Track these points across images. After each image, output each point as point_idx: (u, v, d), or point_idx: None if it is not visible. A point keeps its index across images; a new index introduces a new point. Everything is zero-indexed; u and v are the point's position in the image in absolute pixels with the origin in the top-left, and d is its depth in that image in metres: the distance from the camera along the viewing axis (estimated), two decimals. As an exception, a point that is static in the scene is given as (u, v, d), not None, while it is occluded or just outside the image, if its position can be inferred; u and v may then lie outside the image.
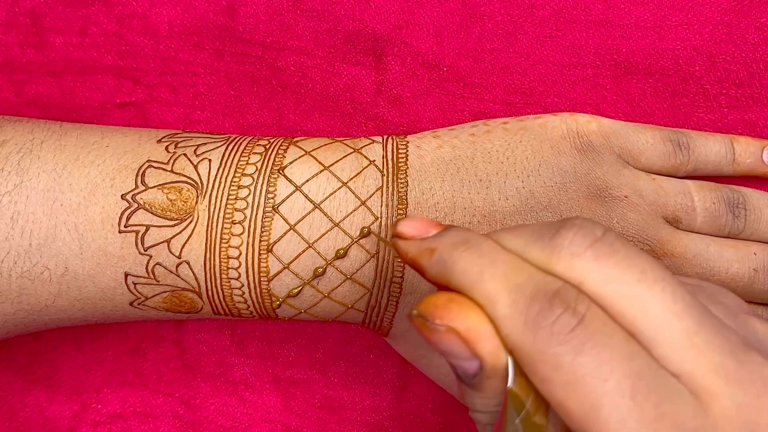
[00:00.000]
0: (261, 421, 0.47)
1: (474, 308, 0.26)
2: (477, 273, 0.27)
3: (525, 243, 0.28)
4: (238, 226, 0.37)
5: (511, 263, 0.27)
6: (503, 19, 0.45)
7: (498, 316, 0.26)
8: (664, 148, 0.42)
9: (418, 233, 0.30)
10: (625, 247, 0.27)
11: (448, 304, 0.27)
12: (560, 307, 0.25)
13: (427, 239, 0.29)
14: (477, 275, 0.27)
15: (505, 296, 0.26)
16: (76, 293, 0.38)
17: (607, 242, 0.27)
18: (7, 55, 0.47)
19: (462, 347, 0.26)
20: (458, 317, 0.26)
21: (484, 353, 0.26)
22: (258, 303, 0.38)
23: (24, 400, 0.48)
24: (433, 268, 0.28)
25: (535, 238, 0.28)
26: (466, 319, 0.26)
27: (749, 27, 0.43)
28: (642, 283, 0.26)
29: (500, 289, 0.26)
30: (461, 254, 0.27)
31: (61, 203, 0.37)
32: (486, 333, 0.26)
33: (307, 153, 0.39)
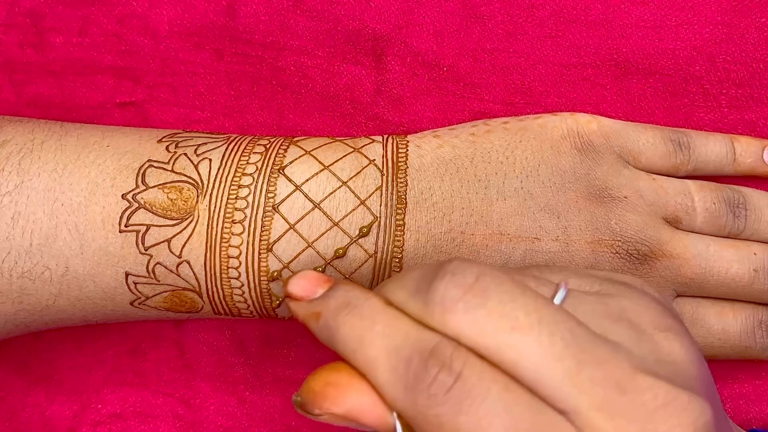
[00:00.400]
0: (261, 421, 0.47)
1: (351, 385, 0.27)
2: (357, 339, 0.27)
3: (406, 296, 0.28)
4: (238, 226, 0.37)
5: (389, 323, 0.27)
6: (503, 19, 0.45)
7: (380, 383, 0.26)
8: (665, 147, 0.42)
9: (305, 293, 0.30)
10: (498, 291, 0.26)
11: (324, 389, 0.27)
12: (435, 367, 0.25)
13: (314, 302, 0.30)
14: (357, 342, 0.27)
15: (384, 361, 0.26)
16: (76, 293, 0.38)
17: (479, 290, 0.26)
18: (7, 55, 0.47)
19: (349, 423, 0.27)
20: (335, 402, 0.27)
21: (370, 423, 0.26)
22: (258, 302, 0.38)
23: (24, 400, 0.48)
24: (321, 333, 0.29)
25: (414, 291, 0.28)
26: (344, 401, 0.27)
27: (749, 27, 0.43)
28: (516, 330, 0.26)
29: (380, 354, 0.26)
30: (344, 319, 0.28)
31: (62, 203, 0.37)
32: (366, 407, 0.26)
33: (307, 152, 0.39)
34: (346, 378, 0.27)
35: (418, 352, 0.26)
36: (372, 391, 0.27)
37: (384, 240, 0.37)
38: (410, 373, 0.25)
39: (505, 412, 0.25)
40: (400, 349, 0.26)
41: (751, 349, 0.41)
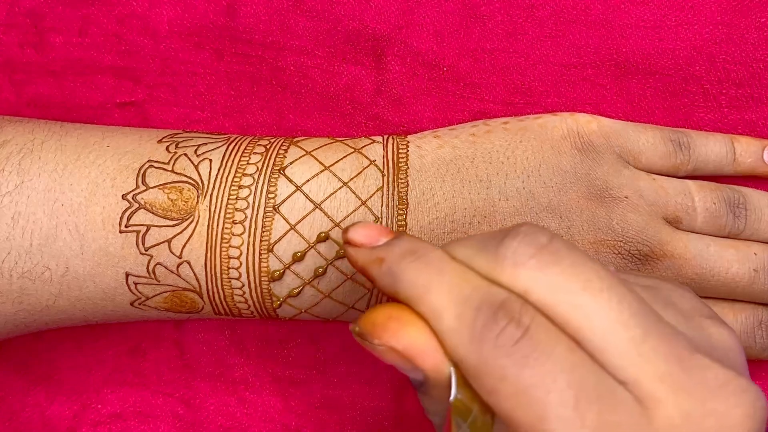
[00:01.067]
0: (261, 421, 0.47)
1: (413, 323, 0.27)
2: (423, 286, 0.27)
3: (472, 253, 0.28)
4: (238, 226, 0.37)
5: (457, 274, 0.27)
6: (503, 19, 0.45)
7: (444, 329, 0.26)
8: (665, 147, 0.42)
9: (368, 241, 0.30)
10: (571, 254, 0.27)
11: (386, 322, 0.27)
12: (504, 319, 0.25)
13: (377, 248, 0.29)
14: (423, 288, 0.27)
15: (450, 309, 0.26)
16: (77, 293, 0.38)
17: (552, 250, 0.27)
18: (7, 55, 0.47)
19: (404, 362, 0.27)
20: (396, 335, 0.26)
21: (426, 367, 0.26)
22: (259, 303, 0.38)
23: (24, 400, 0.48)
24: (382, 279, 0.28)
25: (482, 248, 0.28)
26: (405, 336, 0.26)
27: (749, 27, 0.43)
28: (587, 291, 0.26)
29: (446, 302, 0.26)
30: (408, 265, 0.28)
31: (62, 203, 0.37)
32: (425, 348, 0.26)
33: (308, 153, 0.39)
34: (409, 316, 0.27)
35: (487, 303, 0.26)
36: (433, 336, 0.26)
37: None
38: (478, 323, 0.25)
39: (570, 371, 0.24)
40: (468, 299, 0.26)
41: (751, 349, 0.42)
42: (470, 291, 0.26)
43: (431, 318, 0.26)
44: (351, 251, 0.30)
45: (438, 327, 0.26)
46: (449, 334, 0.26)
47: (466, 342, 0.25)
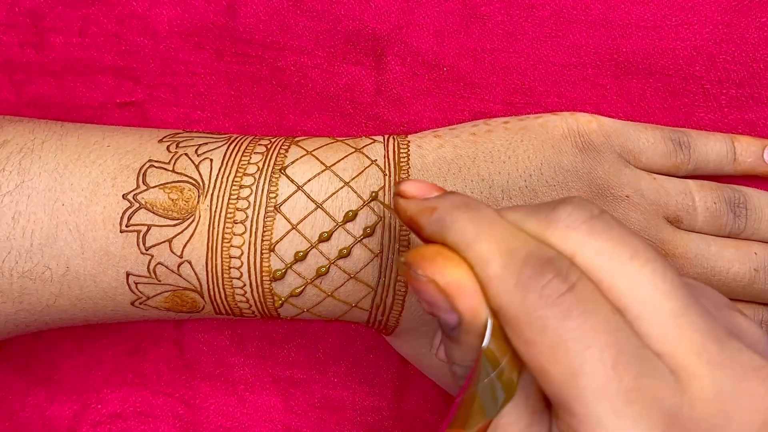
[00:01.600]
0: (261, 421, 0.47)
1: (459, 264, 0.27)
2: (473, 233, 0.27)
3: (523, 216, 0.28)
4: (239, 226, 0.37)
5: (507, 229, 0.27)
6: (503, 19, 0.45)
7: (489, 275, 0.26)
8: (665, 147, 0.42)
9: (420, 193, 0.30)
10: (619, 226, 0.27)
11: (434, 256, 0.27)
12: (551, 273, 0.25)
13: (429, 199, 0.30)
14: (473, 235, 0.27)
15: (498, 258, 0.26)
16: (77, 293, 0.38)
17: (603, 220, 0.27)
18: (7, 55, 0.47)
19: (442, 299, 0.27)
20: (440, 270, 0.27)
21: (463, 308, 0.26)
22: (260, 303, 0.38)
23: (24, 400, 0.48)
24: (432, 226, 0.28)
25: (533, 212, 0.28)
26: (448, 273, 0.26)
27: (749, 27, 0.43)
28: (634, 260, 0.26)
29: (494, 250, 0.26)
30: (461, 215, 0.28)
31: (63, 203, 0.37)
32: (466, 289, 0.26)
33: (309, 153, 0.39)
34: (457, 257, 0.27)
35: (534, 257, 0.26)
36: (475, 280, 0.26)
37: (389, 239, 0.37)
38: (524, 273, 0.25)
39: (611, 333, 0.24)
40: (517, 251, 0.26)
41: (752, 349, 0.42)
42: (519, 244, 0.26)
43: (477, 263, 0.26)
44: (402, 202, 0.30)
45: (483, 273, 0.26)
46: (494, 280, 0.26)
47: (510, 289, 0.25)
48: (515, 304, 0.25)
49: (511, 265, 0.26)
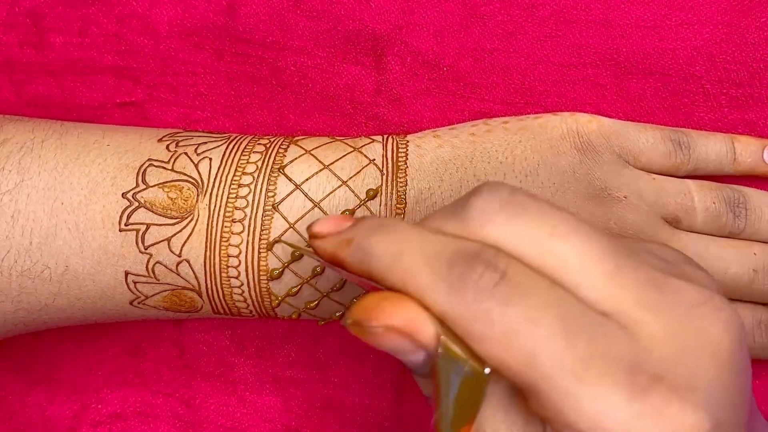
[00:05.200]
0: (261, 421, 0.47)
1: (405, 300, 0.26)
2: (393, 253, 0.27)
3: (442, 221, 0.28)
4: (238, 225, 0.37)
5: (426, 236, 0.27)
6: (503, 19, 0.45)
7: (421, 286, 0.26)
8: (665, 147, 0.42)
9: (333, 229, 0.30)
10: (535, 204, 0.27)
11: (380, 303, 0.26)
12: (481, 266, 0.25)
13: (343, 231, 0.29)
14: (394, 255, 0.26)
15: (423, 267, 0.26)
16: (76, 292, 0.38)
17: (516, 202, 0.27)
18: (7, 55, 0.47)
19: (404, 342, 0.26)
20: (392, 314, 0.26)
21: (428, 339, 0.26)
22: (257, 302, 0.38)
23: (24, 400, 0.48)
24: (353, 257, 0.28)
25: (450, 214, 0.28)
26: (401, 313, 0.26)
27: (749, 27, 0.43)
28: (555, 237, 0.26)
29: (418, 261, 0.26)
30: (378, 238, 0.27)
31: (62, 202, 0.37)
32: (422, 320, 0.26)
33: (308, 152, 0.39)
34: (398, 295, 0.26)
35: (459, 255, 0.26)
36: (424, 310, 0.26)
37: None
38: (454, 273, 0.25)
39: (555, 305, 0.25)
40: (441, 254, 0.26)
41: (751, 349, 0.41)
42: (441, 247, 0.26)
43: (406, 280, 0.26)
44: (318, 243, 0.30)
45: (415, 286, 0.26)
46: (428, 289, 0.25)
47: (445, 293, 0.25)
48: (455, 306, 0.25)
49: (439, 268, 0.26)
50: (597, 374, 0.24)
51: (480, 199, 0.27)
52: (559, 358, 0.24)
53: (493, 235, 0.26)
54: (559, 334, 0.24)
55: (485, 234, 0.26)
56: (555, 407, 0.24)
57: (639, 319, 0.25)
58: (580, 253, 0.26)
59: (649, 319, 0.25)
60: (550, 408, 0.24)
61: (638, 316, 0.25)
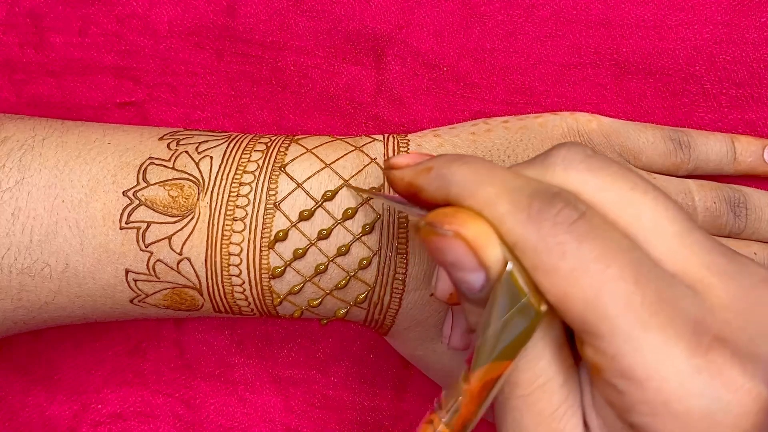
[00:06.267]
0: (261, 421, 0.47)
1: (481, 219, 0.26)
2: (476, 181, 0.27)
3: (522, 167, 0.28)
4: (239, 223, 0.37)
5: (507, 173, 0.27)
6: (503, 19, 0.45)
7: (499, 214, 0.26)
8: (665, 146, 0.42)
9: (413, 161, 0.30)
10: (616, 163, 0.27)
11: (456, 213, 0.27)
12: (561, 203, 0.25)
13: (422, 162, 0.30)
14: (476, 183, 0.27)
15: (504, 197, 0.26)
16: (76, 290, 0.38)
17: (598, 158, 0.27)
18: (7, 55, 0.47)
19: (468, 255, 0.26)
20: (466, 223, 0.26)
21: (491, 261, 0.26)
22: (259, 300, 0.38)
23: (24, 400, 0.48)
24: (432, 183, 0.28)
25: (529, 163, 0.28)
26: (474, 226, 0.26)
27: (749, 26, 0.43)
28: (635, 191, 0.26)
29: (499, 192, 0.26)
30: (458, 167, 0.28)
31: (63, 200, 0.37)
32: (492, 241, 0.26)
33: (309, 151, 0.39)
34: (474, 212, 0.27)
35: (540, 192, 0.26)
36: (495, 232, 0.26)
37: (388, 236, 0.37)
38: (533, 206, 0.25)
39: (627, 252, 0.25)
40: (522, 188, 0.26)
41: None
42: (523, 183, 0.26)
43: (486, 207, 0.26)
44: (396, 173, 0.31)
45: (493, 213, 0.26)
46: (505, 216, 0.26)
47: (523, 222, 0.25)
48: (531, 235, 0.25)
49: (520, 201, 0.26)
50: (661, 323, 0.24)
51: (563, 149, 0.28)
52: (625, 300, 0.24)
53: (575, 182, 0.27)
54: (628, 278, 0.24)
55: (567, 179, 0.27)
56: (612, 351, 0.24)
57: (707, 282, 0.25)
58: (656, 212, 0.26)
59: (716, 284, 0.25)
60: (606, 352, 0.24)
61: (706, 280, 0.25)
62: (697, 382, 0.24)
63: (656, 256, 0.26)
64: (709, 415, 0.23)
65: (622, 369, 0.24)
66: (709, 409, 0.23)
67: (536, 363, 0.27)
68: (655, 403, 0.24)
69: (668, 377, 0.24)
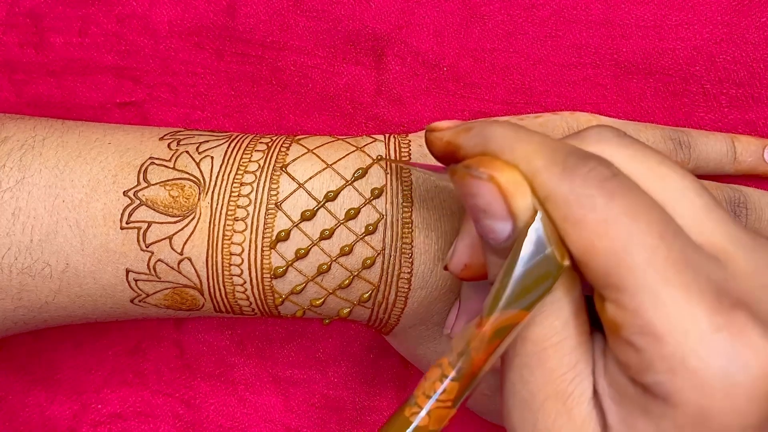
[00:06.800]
0: (261, 421, 0.47)
1: (516, 169, 0.27)
2: (515, 138, 0.27)
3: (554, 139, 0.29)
4: (240, 223, 0.37)
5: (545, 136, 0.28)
6: (503, 19, 0.45)
7: (535, 167, 0.26)
8: (665, 146, 0.42)
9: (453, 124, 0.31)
10: (643, 143, 0.28)
11: (492, 160, 0.27)
12: (594, 162, 0.26)
13: (463, 123, 0.31)
14: (515, 140, 0.27)
15: (539, 152, 0.27)
16: (76, 290, 0.38)
17: (628, 137, 0.28)
18: (7, 55, 0.47)
19: (499, 201, 0.27)
20: (501, 170, 0.27)
21: (521, 209, 0.26)
22: (260, 300, 0.38)
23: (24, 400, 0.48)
24: (471, 140, 0.29)
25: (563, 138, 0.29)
26: (509, 174, 0.27)
27: (750, 26, 0.43)
28: (663, 165, 0.27)
29: (536, 148, 0.27)
30: (498, 127, 0.28)
31: (63, 199, 0.37)
32: (524, 190, 0.26)
33: (310, 151, 0.39)
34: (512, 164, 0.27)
35: (575, 152, 0.26)
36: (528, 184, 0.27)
37: (392, 237, 0.37)
38: (568, 161, 0.26)
39: (655, 211, 0.25)
40: (558, 148, 0.27)
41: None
42: (559, 144, 0.27)
43: (522, 161, 0.27)
44: (436, 134, 0.32)
45: (529, 167, 0.27)
46: (541, 169, 0.26)
47: (557, 175, 0.26)
48: (564, 186, 0.25)
49: (556, 157, 0.26)
50: (685, 281, 0.24)
51: (596, 128, 0.29)
52: (650, 254, 0.24)
53: (607, 153, 0.28)
54: (656, 233, 0.24)
55: (600, 150, 0.28)
56: (634, 305, 0.24)
57: (731, 252, 0.26)
58: (682, 185, 0.27)
59: (740, 255, 0.26)
60: (627, 306, 0.24)
61: (730, 250, 0.26)
62: (718, 339, 0.24)
63: (683, 224, 0.26)
64: (728, 376, 0.23)
65: (642, 324, 0.24)
66: (727, 368, 0.23)
67: (553, 320, 0.27)
68: (674, 360, 0.24)
69: (688, 333, 0.24)
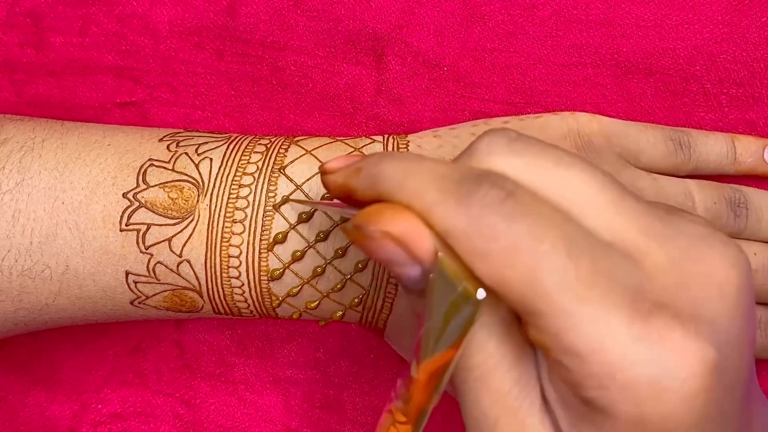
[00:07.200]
0: (261, 421, 0.47)
1: (407, 212, 0.26)
2: (402, 173, 0.27)
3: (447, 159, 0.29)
4: (238, 225, 0.37)
5: (434, 162, 0.27)
6: (504, 18, 0.45)
7: (427, 203, 0.26)
8: (665, 147, 0.42)
9: (344, 164, 0.30)
10: (539, 142, 0.27)
11: (381, 210, 0.27)
12: (488, 183, 0.25)
13: (352, 164, 0.30)
14: (403, 175, 0.27)
15: (432, 185, 0.26)
16: (76, 292, 0.38)
17: (522, 141, 0.27)
18: (7, 55, 0.47)
19: (399, 252, 0.26)
20: (391, 221, 0.26)
21: (423, 252, 0.26)
22: (258, 302, 0.38)
23: (24, 400, 0.48)
24: (362, 183, 0.28)
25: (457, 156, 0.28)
26: (400, 221, 0.26)
27: (750, 26, 0.43)
28: (559, 167, 0.26)
29: (426, 181, 0.26)
30: (386, 164, 0.28)
31: (63, 201, 0.37)
32: (421, 233, 0.26)
33: (308, 152, 0.39)
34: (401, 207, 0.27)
35: (467, 176, 0.26)
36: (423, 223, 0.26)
37: None
38: (461, 190, 0.25)
39: (558, 226, 0.24)
40: (449, 175, 0.26)
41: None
42: (449, 171, 0.26)
43: (414, 198, 0.26)
44: (330, 177, 0.31)
45: (423, 204, 0.26)
46: (434, 205, 0.25)
47: (452, 208, 0.25)
48: (461, 220, 0.25)
49: (447, 187, 0.26)
50: (599, 295, 0.24)
51: (486, 138, 0.27)
52: (560, 276, 0.24)
53: (501, 165, 0.27)
54: (562, 251, 0.24)
55: (493, 164, 0.27)
56: (554, 329, 0.24)
57: (643, 247, 0.25)
58: (585, 182, 0.26)
59: (653, 248, 0.25)
60: (548, 331, 0.24)
61: (642, 245, 0.25)
62: (639, 349, 0.23)
63: (591, 226, 0.25)
64: (656, 382, 0.23)
65: (565, 346, 0.24)
66: (655, 375, 0.23)
67: (484, 346, 0.26)
68: (602, 377, 0.24)
69: (610, 349, 0.23)
